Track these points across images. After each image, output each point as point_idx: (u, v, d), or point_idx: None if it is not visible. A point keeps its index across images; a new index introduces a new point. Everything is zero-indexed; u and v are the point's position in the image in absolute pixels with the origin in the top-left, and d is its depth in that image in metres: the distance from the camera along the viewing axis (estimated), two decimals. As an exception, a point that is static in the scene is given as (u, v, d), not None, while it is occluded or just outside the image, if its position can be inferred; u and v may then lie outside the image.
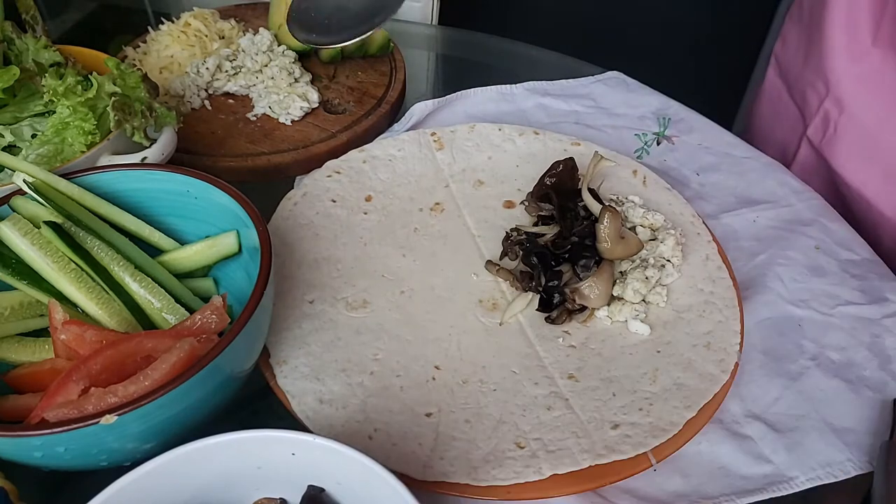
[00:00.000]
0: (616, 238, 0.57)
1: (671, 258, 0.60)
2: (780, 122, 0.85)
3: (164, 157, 0.58)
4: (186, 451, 0.38)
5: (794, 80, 0.82)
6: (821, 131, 0.77)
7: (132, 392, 0.39)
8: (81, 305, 0.48)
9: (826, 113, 0.75)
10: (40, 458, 0.39)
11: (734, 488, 0.49)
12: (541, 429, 0.50)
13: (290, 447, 0.39)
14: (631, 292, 0.56)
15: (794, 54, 0.82)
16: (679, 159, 0.75)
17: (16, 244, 0.47)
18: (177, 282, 0.52)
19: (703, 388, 0.51)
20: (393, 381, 0.52)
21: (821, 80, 0.76)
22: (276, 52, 0.80)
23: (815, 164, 0.79)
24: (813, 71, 0.77)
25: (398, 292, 0.59)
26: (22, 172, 0.49)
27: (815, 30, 0.76)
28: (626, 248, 0.58)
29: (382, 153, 0.70)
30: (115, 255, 0.49)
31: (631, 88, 0.84)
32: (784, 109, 0.84)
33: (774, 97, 0.86)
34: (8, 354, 0.48)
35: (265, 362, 0.52)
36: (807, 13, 0.79)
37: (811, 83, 0.77)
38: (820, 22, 0.74)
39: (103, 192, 0.52)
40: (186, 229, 0.55)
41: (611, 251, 0.57)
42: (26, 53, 0.61)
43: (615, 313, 0.57)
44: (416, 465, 0.47)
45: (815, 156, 0.79)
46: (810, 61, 0.78)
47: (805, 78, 0.79)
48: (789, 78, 0.83)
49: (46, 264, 0.47)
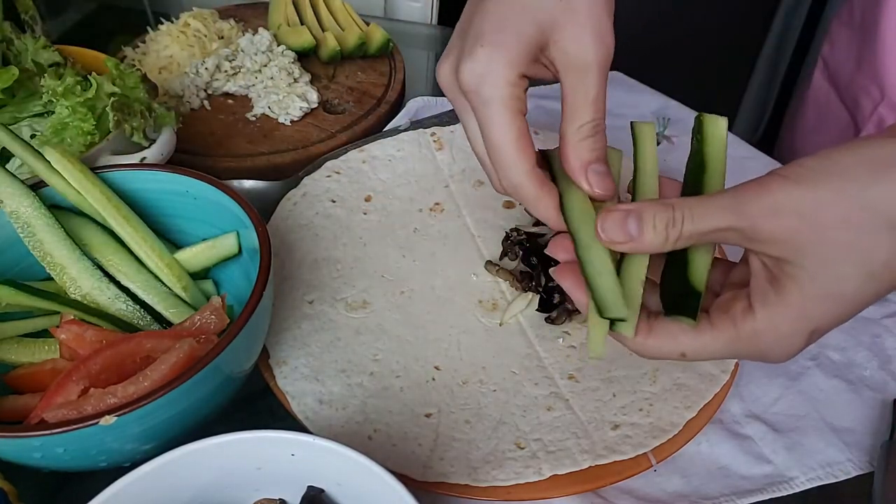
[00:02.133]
0: None
1: None
2: (828, 127, 0.84)
3: (163, 158, 0.58)
4: (186, 452, 0.38)
5: (844, 85, 0.80)
6: None
7: (131, 393, 0.39)
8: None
9: (881, 118, 0.74)
10: (40, 458, 0.39)
11: (734, 488, 0.49)
12: (541, 429, 0.50)
13: (290, 448, 0.38)
14: None
15: (845, 58, 0.80)
16: (679, 159, 0.75)
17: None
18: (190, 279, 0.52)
19: (703, 389, 0.51)
20: (393, 382, 0.52)
21: (875, 85, 0.74)
22: (276, 52, 0.80)
23: None
24: (866, 75, 0.75)
25: (398, 293, 0.59)
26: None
27: (867, 33, 0.75)
28: None
29: (382, 153, 0.69)
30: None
31: (631, 88, 0.84)
32: (832, 113, 0.83)
33: (822, 102, 0.85)
34: (8, 355, 0.48)
35: (265, 363, 0.52)
36: (858, 17, 0.78)
37: (864, 87, 0.76)
38: (874, 25, 0.73)
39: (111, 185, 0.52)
40: (186, 230, 0.55)
41: None
42: (25, 54, 0.61)
43: None
44: (416, 466, 0.47)
45: None
46: (863, 65, 0.76)
47: (857, 82, 0.77)
48: (839, 82, 0.82)
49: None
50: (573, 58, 0.41)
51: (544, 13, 0.40)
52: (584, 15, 0.40)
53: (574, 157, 0.42)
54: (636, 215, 0.36)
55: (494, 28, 0.41)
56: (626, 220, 0.36)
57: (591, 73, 0.41)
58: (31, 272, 0.50)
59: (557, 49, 0.41)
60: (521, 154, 0.41)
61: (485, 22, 0.41)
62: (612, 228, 0.37)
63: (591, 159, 0.42)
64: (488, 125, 0.41)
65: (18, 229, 0.49)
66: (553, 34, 0.41)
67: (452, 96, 0.44)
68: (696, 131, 0.41)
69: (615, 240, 0.37)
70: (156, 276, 0.51)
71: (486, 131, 0.42)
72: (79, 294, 0.49)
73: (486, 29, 0.41)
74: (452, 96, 0.44)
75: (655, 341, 0.38)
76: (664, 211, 0.36)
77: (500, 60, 0.40)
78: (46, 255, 0.48)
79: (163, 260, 0.51)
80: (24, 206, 0.48)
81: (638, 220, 0.36)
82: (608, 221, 0.37)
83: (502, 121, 0.41)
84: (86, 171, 0.50)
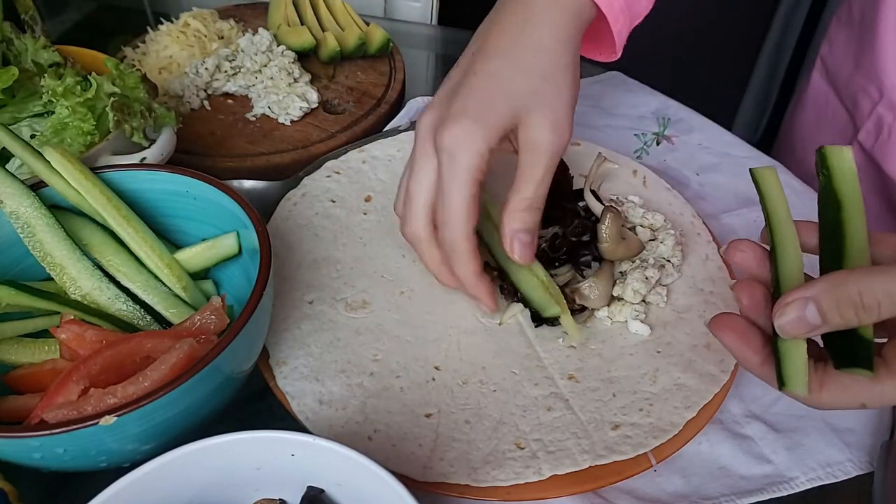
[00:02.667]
0: (617, 238, 0.57)
1: (671, 258, 0.60)
2: (827, 126, 0.84)
3: (163, 158, 0.58)
4: (186, 452, 0.38)
5: (843, 84, 0.81)
6: (873, 136, 0.76)
7: (131, 393, 0.39)
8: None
9: (879, 117, 0.74)
10: (39, 459, 0.39)
11: (734, 489, 0.49)
12: (541, 429, 0.50)
13: (290, 448, 0.38)
14: (631, 293, 0.56)
15: (843, 58, 0.81)
16: (679, 159, 0.75)
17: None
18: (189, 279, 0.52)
19: (703, 389, 0.51)
20: (393, 382, 0.52)
21: (874, 85, 0.75)
22: (276, 53, 0.80)
23: (865, 168, 0.78)
24: (864, 75, 0.76)
25: (398, 293, 0.59)
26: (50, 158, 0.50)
27: (866, 33, 0.75)
28: (627, 249, 0.58)
29: (382, 153, 0.69)
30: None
31: (630, 88, 0.84)
32: (831, 113, 0.83)
33: (821, 101, 0.85)
34: (8, 355, 0.47)
35: (264, 363, 0.52)
36: (857, 16, 0.78)
37: (863, 87, 0.76)
38: (872, 25, 0.73)
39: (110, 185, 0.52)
40: (186, 230, 0.55)
41: (612, 252, 0.57)
42: (25, 54, 0.61)
43: (615, 314, 0.57)
44: (416, 466, 0.47)
45: (866, 159, 0.78)
46: (861, 65, 0.76)
47: (856, 82, 0.78)
48: (837, 82, 0.82)
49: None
50: (531, 141, 0.49)
51: (520, 100, 0.48)
52: (549, 108, 0.48)
53: (508, 223, 0.50)
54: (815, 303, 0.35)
55: (479, 105, 0.48)
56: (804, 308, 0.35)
57: (543, 157, 0.48)
58: (30, 272, 0.50)
59: (523, 132, 0.49)
60: (468, 217, 0.49)
61: (471, 97, 0.48)
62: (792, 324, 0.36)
63: (519, 229, 0.49)
64: (451, 184, 0.48)
65: (18, 229, 0.49)
66: (522, 118, 0.48)
67: (422, 143, 0.50)
68: (821, 166, 0.40)
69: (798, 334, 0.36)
70: (156, 276, 0.51)
71: (447, 188, 0.48)
72: (79, 294, 0.49)
73: (471, 104, 0.48)
74: (422, 143, 0.50)
75: (830, 395, 0.37)
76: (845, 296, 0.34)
77: (478, 134, 0.47)
78: (46, 256, 0.48)
79: (163, 260, 0.51)
80: (24, 206, 0.48)
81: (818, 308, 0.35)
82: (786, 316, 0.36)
83: (465, 184, 0.48)
84: (86, 171, 0.50)
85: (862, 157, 0.78)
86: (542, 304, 0.54)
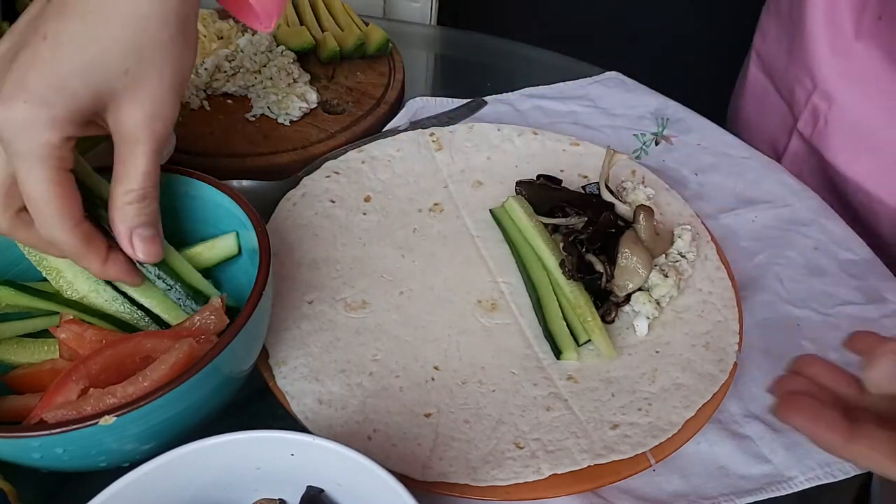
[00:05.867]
0: (653, 236, 0.58)
1: (687, 253, 0.60)
2: (768, 117, 0.84)
3: (162, 158, 0.58)
4: (185, 452, 0.38)
5: (779, 76, 0.82)
6: (811, 125, 0.77)
7: (131, 393, 0.39)
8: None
9: (815, 107, 0.75)
10: (39, 459, 0.39)
11: (733, 488, 0.49)
12: (540, 429, 0.50)
13: (290, 448, 0.38)
14: (659, 288, 0.57)
15: (777, 49, 0.81)
16: (678, 159, 0.75)
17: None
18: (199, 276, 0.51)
19: (701, 388, 0.51)
20: (392, 382, 0.52)
21: (807, 76, 0.75)
22: (275, 53, 0.80)
23: (806, 156, 0.79)
24: (798, 66, 0.77)
25: (397, 293, 0.59)
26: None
27: (796, 25, 0.76)
28: (662, 245, 0.59)
29: (381, 153, 0.69)
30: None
31: (629, 89, 0.84)
32: (770, 104, 0.83)
33: (759, 92, 0.86)
34: (7, 356, 0.47)
35: (264, 363, 0.52)
36: (785, 8, 0.79)
37: (797, 78, 0.77)
38: (800, 17, 0.74)
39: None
40: (185, 230, 0.54)
41: (651, 249, 0.57)
42: (25, 54, 0.61)
43: (641, 303, 0.56)
44: (416, 466, 0.47)
45: (807, 148, 0.78)
46: (794, 56, 0.77)
47: (790, 73, 0.78)
48: (773, 73, 0.83)
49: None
50: (125, 132, 0.41)
51: (105, 82, 0.38)
52: (145, 93, 0.40)
53: (119, 221, 0.42)
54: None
55: (44, 83, 0.37)
56: None
57: (141, 148, 0.41)
58: (29, 273, 0.50)
59: (113, 119, 0.40)
60: (63, 211, 0.39)
61: (32, 71, 0.37)
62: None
63: (136, 224, 0.42)
64: (24, 180, 0.38)
65: None
66: (110, 103, 0.39)
67: None
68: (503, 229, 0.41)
69: None
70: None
71: (23, 185, 0.39)
72: (76, 297, 0.48)
73: (31, 80, 0.37)
74: None
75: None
76: None
77: (42, 121, 0.37)
78: (42, 260, 0.48)
79: None
80: None
81: None
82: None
83: (40, 177, 0.38)
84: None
85: (803, 146, 0.79)
86: (570, 333, 0.53)
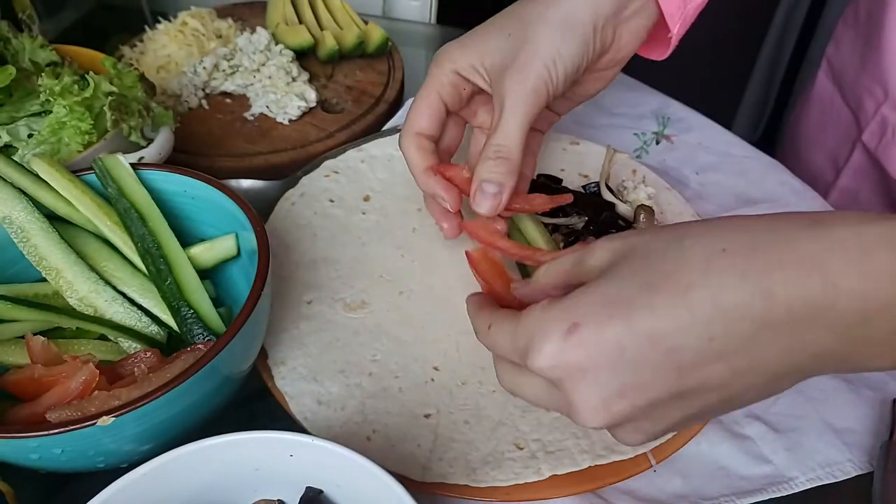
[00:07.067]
0: None
1: None
2: (831, 127, 0.84)
3: (161, 157, 0.58)
4: (184, 453, 0.37)
5: (848, 85, 0.81)
6: (877, 137, 0.76)
7: (129, 393, 0.39)
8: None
9: (884, 118, 0.74)
10: (37, 459, 0.39)
11: (734, 489, 0.49)
12: (540, 430, 0.49)
13: (289, 448, 0.38)
14: None
15: (849, 59, 0.80)
16: (678, 159, 0.75)
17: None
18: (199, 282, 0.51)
19: (702, 389, 0.51)
20: (391, 383, 0.52)
21: (878, 85, 0.74)
22: (274, 52, 0.80)
23: (868, 168, 0.78)
24: (870, 75, 0.76)
25: (397, 293, 0.59)
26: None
27: (873, 34, 0.75)
28: None
29: (381, 153, 0.69)
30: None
31: (630, 87, 0.84)
32: (836, 114, 0.83)
33: (826, 102, 0.85)
34: (7, 357, 0.47)
35: (263, 363, 0.52)
36: (864, 16, 0.78)
37: (868, 88, 0.76)
38: (879, 26, 0.73)
39: (99, 192, 0.52)
40: (184, 230, 0.54)
41: None
42: (23, 53, 0.61)
43: None
44: (415, 467, 0.47)
45: (870, 162, 0.78)
46: (867, 65, 0.76)
47: (861, 82, 0.77)
48: (843, 82, 0.82)
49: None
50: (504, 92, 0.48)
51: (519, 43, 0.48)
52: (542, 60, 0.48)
53: (477, 171, 0.49)
54: None
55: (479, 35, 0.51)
56: None
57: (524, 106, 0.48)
58: (27, 273, 0.50)
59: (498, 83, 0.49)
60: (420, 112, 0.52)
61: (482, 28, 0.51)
62: None
63: (486, 179, 0.48)
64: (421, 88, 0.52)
65: (12, 234, 0.48)
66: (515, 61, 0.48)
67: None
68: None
69: None
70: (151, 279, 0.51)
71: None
72: (76, 297, 0.48)
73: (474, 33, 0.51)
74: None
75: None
76: None
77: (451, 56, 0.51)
78: (42, 260, 0.48)
79: None
80: (17, 210, 0.48)
81: None
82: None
83: (424, 91, 0.52)
84: (74, 179, 0.50)
85: (866, 158, 0.78)
86: None
